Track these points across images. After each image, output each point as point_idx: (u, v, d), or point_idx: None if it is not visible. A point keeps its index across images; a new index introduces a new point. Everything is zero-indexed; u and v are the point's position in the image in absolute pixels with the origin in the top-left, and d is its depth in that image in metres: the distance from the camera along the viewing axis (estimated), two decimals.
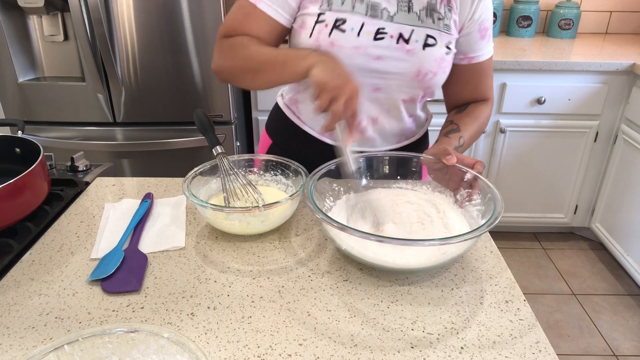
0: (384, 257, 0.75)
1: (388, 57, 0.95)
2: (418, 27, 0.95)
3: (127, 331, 0.58)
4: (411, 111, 1.07)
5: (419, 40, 0.94)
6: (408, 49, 0.94)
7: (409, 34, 0.94)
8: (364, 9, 0.94)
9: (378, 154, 0.97)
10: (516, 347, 0.65)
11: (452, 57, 0.99)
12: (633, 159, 2.08)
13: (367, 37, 0.93)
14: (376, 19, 0.94)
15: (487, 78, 1.07)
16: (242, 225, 0.86)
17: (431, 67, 0.96)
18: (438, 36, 0.95)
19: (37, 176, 0.90)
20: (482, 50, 1.02)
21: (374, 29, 0.93)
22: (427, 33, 0.95)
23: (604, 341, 1.91)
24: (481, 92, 1.08)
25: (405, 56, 0.95)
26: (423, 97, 1.05)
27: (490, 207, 0.78)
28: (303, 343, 0.65)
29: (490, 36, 1.03)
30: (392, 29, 0.94)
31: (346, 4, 0.93)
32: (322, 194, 0.88)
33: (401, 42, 0.94)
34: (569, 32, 2.47)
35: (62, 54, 2.03)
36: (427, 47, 0.95)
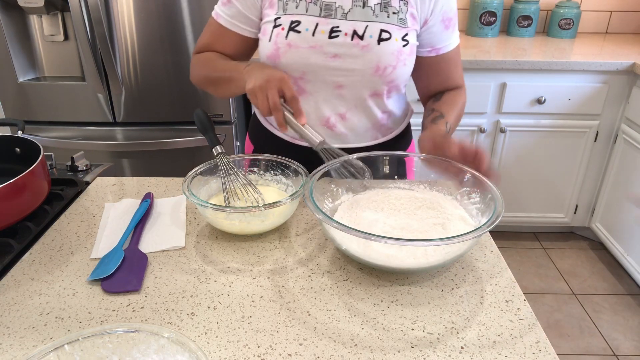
0: (385, 257, 0.75)
1: (345, 54, 0.97)
2: (372, 23, 0.96)
3: (127, 331, 0.58)
4: (381, 107, 1.07)
5: (373, 35, 0.96)
6: (363, 45, 0.96)
7: (363, 30, 0.96)
8: (318, 10, 0.97)
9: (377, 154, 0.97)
10: (516, 347, 0.65)
11: (411, 49, 1.00)
12: (633, 158, 2.07)
13: (322, 36, 0.96)
14: (330, 18, 0.96)
15: (457, 67, 1.08)
16: (242, 225, 0.86)
17: (389, 60, 0.97)
18: (393, 30, 0.96)
19: (37, 176, 0.90)
20: (447, 41, 1.03)
21: (328, 27, 0.96)
22: (381, 28, 0.96)
23: (604, 341, 1.91)
24: (453, 81, 1.09)
25: (361, 52, 0.96)
26: (390, 92, 1.05)
27: (490, 206, 0.78)
28: (303, 343, 0.65)
29: (455, 25, 1.03)
30: (346, 26, 0.96)
31: (300, 7, 0.97)
32: (322, 194, 0.88)
33: (356, 38, 0.96)
34: (569, 32, 2.47)
35: (62, 54, 2.03)
36: (382, 41, 0.96)
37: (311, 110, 1.05)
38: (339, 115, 1.05)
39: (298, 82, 1.02)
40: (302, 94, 1.04)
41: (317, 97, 1.04)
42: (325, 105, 1.04)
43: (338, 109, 1.05)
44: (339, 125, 1.07)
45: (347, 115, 1.06)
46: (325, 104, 1.04)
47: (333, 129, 1.07)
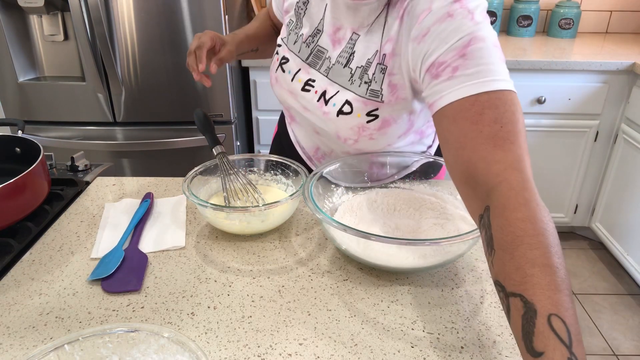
0: (385, 257, 0.75)
1: (311, 111, 0.93)
2: (343, 90, 0.86)
3: (127, 331, 0.58)
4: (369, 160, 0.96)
5: (337, 104, 0.87)
6: (324, 111, 0.89)
7: (332, 95, 0.88)
8: (307, 54, 0.92)
9: None
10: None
11: (382, 123, 0.85)
12: (633, 158, 2.07)
13: (297, 84, 0.93)
14: (313, 68, 0.91)
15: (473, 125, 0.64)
16: (242, 224, 0.86)
17: (348, 134, 0.88)
18: (357, 104, 0.85)
19: (37, 176, 0.90)
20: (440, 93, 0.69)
21: (305, 78, 0.92)
22: (347, 99, 0.85)
23: (604, 341, 1.91)
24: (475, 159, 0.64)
25: (322, 118, 0.90)
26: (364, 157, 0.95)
27: None
28: (303, 343, 0.65)
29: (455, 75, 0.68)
30: (320, 84, 0.90)
31: (296, 44, 0.94)
32: (322, 194, 0.88)
33: (321, 101, 0.89)
34: (569, 32, 2.47)
35: (62, 54, 2.03)
36: (341, 114, 0.86)
37: (301, 139, 1.06)
38: (328, 150, 1.01)
39: (289, 110, 1.03)
40: (293, 121, 1.06)
41: (305, 129, 1.02)
42: (311, 142, 1.03)
43: (325, 147, 1.01)
44: (327, 158, 1.03)
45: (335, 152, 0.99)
46: (311, 141, 1.03)
47: (321, 161, 1.05)
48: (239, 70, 2.14)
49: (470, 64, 0.67)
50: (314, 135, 1.00)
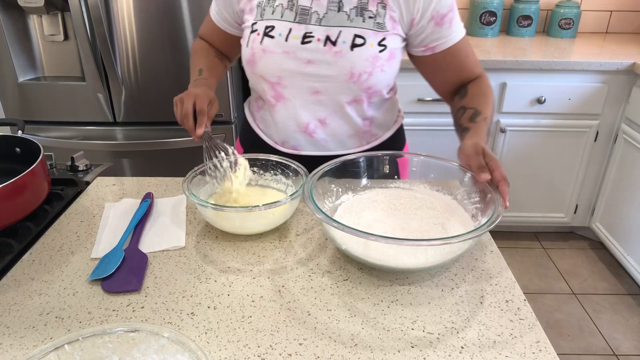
0: (385, 257, 0.75)
1: (318, 60, 0.95)
2: (346, 28, 0.93)
3: (127, 331, 0.58)
4: (361, 113, 1.04)
5: (347, 41, 0.93)
6: (336, 51, 0.94)
7: (337, 35, 0.93)
8: (293, 16, 0.96)
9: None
10: (516, 347, 0.65)
11: (390, 54, 0.96)
12: (633, 158, 2.07)
13: (295, 41, 0.95)
14: (304, 24, 0.95)
15: (467, 57, 1.02)
16: (242, 224, 0.86)
17: (364, 67, 0.94)
18: (368, 35, 0.93)
19: (37, 176, 0.90)
20: (444, 38, 0.97)
21: (300, 33, 0.95)
22: (355, 33, 0.93)
23: (604, 341, 1.91)
24: (468, 72, 1.03)
25: (334, 58, 0.94)
26: (370, 98, 1.02)
27: (490, 206, 0.78)
28: (303, 343, 0.65)
29: (452, 20, 0.96)
30: (319, 32, 0.94)
31: (276, 13, 0.97)
32: (322, 194, 0.88)
33: (329, 44, 0.94)
34: (569, 32, 2.47)
35: (62, 54, 2.03)
36: (356, 47, 0.93)
37: (290, 116, 1.04)
38: (319, 120, 1.04)
39: (275, 87, 1.01)
40: (280, 99, 1.03)
41: (294, 103, 1.02)
42: (304, 110, 1.02)
43: (317, 114, 1.03)
44: (319, 132, 1.05)
45: (327, 120, 1.03)
46: (304, 110, 1.02)
47: (313, 135, 1.05)
48: (238, 70, 2.14)
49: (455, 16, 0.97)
50: (310, 99, 1.00)
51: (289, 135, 1.07)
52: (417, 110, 2.13)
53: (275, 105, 1.04)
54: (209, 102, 0.97)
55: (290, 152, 1.08)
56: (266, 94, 1.04)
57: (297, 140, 1.07)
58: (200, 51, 1.15)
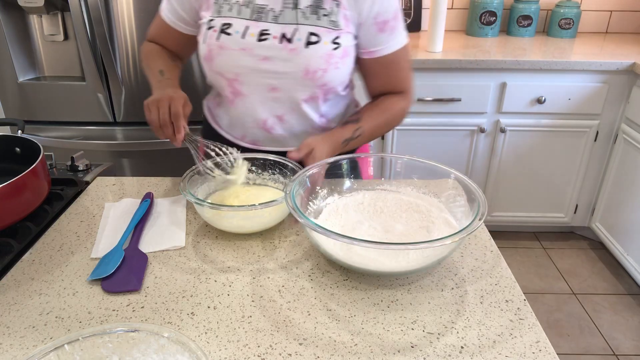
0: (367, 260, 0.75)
1: (274, 57, 0.96)
2: (301, 25, 0.95)
3: (127, 331, 0.58)
4: (318, 110, 1.06)
5: (302, 38, 0.95)
6: (291, 48, 0.95)
7: (292, 33, 0.95)
8: (249, 13, 0.97)
9: None
10: (516, 347, 0.65)
11: (344, 52, 0.97)
12: (633, 158, 2.07)
13: (251, 38, 0.96)
14: (260, 21, 0.96)
15: (399, 71, 1.04)
16: (240, 223, 0.86)
17: (318, 64, 0.96)
18: (322, 33, 0.95)
19: (37, 176, 0.90)
20: (383, 44, 0.99)
21: (257, 30, 0.96)
22: (310, 31, 0.95)
23: (604, 341, 1.91)
24: (393, 86, 1.06)
25: (290, 55, 0.96)
26: (326, 95, 1.03)
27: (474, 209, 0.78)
28: (303, 342, 0.65)
29: (395, 29, 0.98)
30: (275, 29, 0.96)
31: (233, 10, 0.98)
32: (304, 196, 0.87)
33: (284, 42, 0.95)
34: (569, 32, 2.47)
35: (62, 54, 2.02)
36: (310, 44, 0.95)
37: (248, 113, 1.05)
38: (277, 117, 1.04)
39: (233, 84, 1.02)
40: (238, 95, 1.03)
41: (252, 99, 1.03)
42: (262, 107, 1.03)
43: (275, 111, 1.04)
44: (277, 128, 1.06)
45: (284, 117, 1.04)
46: (262, 106, 1.03)
47: (271, 131, 1.06)
48: None
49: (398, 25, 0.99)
50: (267, 96, 1.01)
51: (248, 131, 1.08)
52: (417, 110, 2.13)
53: (233, 101, 1.05)
54: (183, 103, 0.95)
55: (250, 147, 1.09)
56: (224, 90, 1.05)
57: (256, 136, 1.08)
58: (153, 53, 1.11)
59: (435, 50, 2.13)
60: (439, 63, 2.04)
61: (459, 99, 2.11)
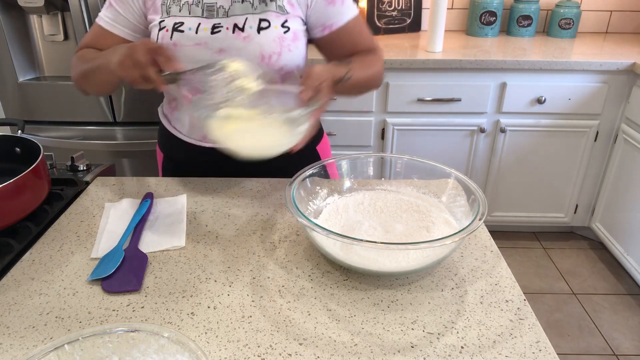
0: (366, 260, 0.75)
1: (229, 47, 0.99)
2: (251, 15, 0.99)
3: (127, 331, 0.58)
4: None
5: (253, 26, 0.98)
6: (244, 36, 0.98)
7: (243, 22, 0.99)
8: (200, 12, 1.00)
9: None
10: (516, 347, 0.65)
11: (294, 35, 1.01)
12: (633, 158, 2.07)
13: (204, 32, 0.98)
14: (212, 18, 0.99)
15: (361, 35, 1.07)
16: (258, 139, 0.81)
17: (272, 48, 0.99)
18: (271, 18, 0.99)
19: (37, 176, 0.90)
20: (337, 17, 1.03)
21: (209, 25, 0.99)
22: (260, 17, 0.99)
23: (604, 341, 1.91)
24: (363, 47, 1.07)
25: (244, 43, 0.98)
26: (284, 80, 1.04)
27: (474, 209, 0.78)
28: (303, 342, 0.65)
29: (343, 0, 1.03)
30: (227, 22, 0.99)
31: (183, 10, 1.00)
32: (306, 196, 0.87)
33: (237, 31, 0.98)
34: (569, 32, 2.47)
35: (62, 54, 2.03)
36: (262, 30, 0.98)
37: None
38: None
39: None
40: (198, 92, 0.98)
41: None
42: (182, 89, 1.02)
43: None
44: None
45: None
46: None
47: None
48: None
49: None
50: None
51: None
52: (417, 110, 2.13)
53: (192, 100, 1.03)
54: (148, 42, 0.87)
55: (212, 146, 1.07)
56: (182, 89, 1.04)
57: None
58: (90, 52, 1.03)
59: (435, 50, 2.13)
60: (439, 63, 2.04)
61: (459, 99, 2.11)
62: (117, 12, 1.04)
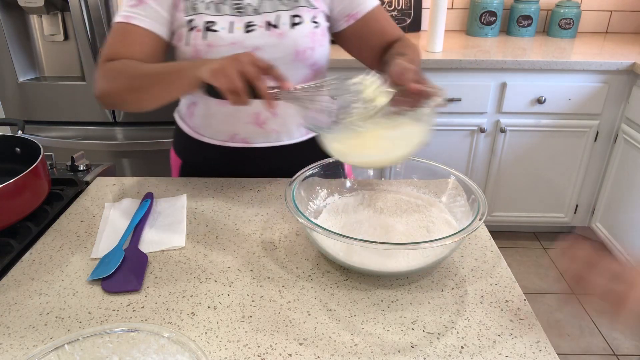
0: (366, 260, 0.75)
1: (264, 45, 0.97)
2: (282, 12, 0.99)
3: (127, 331, 0.58)
4: None
5: (286, 22, 0.98)
6: (279, 33, 0.98)
7: (275, 19, 0.98)
8: (229, 10, 0.98)
9: None
10: (516, 347, 0.65)
11: (322, 30, 1.02)
12: (633, 158, 2.07)
13: (239, 32, 0.97)
14: (242, 16, 0.98)
15: (387, 21, 1.07)
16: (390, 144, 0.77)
17: (306, 43, 0.99)
18: (302, 13, 0.99)
19: (37, 176, 0.90)
20: (361, 5, 1.03)
21: (242, 24, 0.97)
22: (291, 14, 0.99)
23: (604, 341, 1.91)
24: (390, 34, 1.07)
25: (279, 40, 0.98)
26: (315, 76, 1.05)
27: (474, 209, 0.78)
28: (303, 342, 0.65)
29: None
30: (259, 20, 0.98)
31: (211, 9, 0.97)
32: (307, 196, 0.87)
33: (271, 28, 0.98)
34: (569, 32, 2.47)
35: (62, 54, 2.03)
36: (295, 25, 0.98)
37: (240, 108, 0.97)
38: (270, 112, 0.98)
39: None
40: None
41: None
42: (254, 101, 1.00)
43: None
44: (269, 122, 1.05)
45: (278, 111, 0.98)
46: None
47: (263, 126, 1.05)
48: None
49: None
50: None
51: (239, 128, 1.06)
52: None
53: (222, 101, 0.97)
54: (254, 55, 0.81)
55: (240, 146, 1.07)
56: None
57: (247, 132, 1.07)
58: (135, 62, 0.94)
59: (435, 50, 2.13)
60: (439, 63, 2.04)
61: (459, 99, 2.11)
62: (152, 8, 0.95)
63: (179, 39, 0.99)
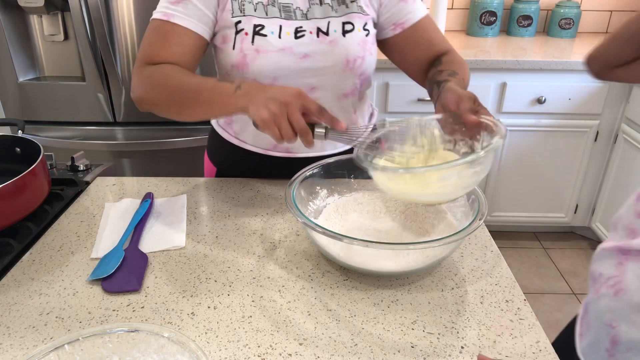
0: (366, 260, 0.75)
1: (314, 52, 0.94)
2: (333, 18, 0.95)
3: (127, 331, 0.58)
4: (355, 106, 1.05)
5: (337, 29, 0.95)
6: (330, 40, 0.95)
7: (326, 26, 0.95)
8: (278, 13, 0.94)
9: None
10: (516, 347, 0.65)
11: (372, 38, 1.00)
12: (633, 158, 2.07)
13: (288, 37, 0.93)
14: (291, 20, 0.94)
15: (436, 32, 1.04)
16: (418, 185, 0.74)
17: (357, 52, 0.96)
18: (354, 20, 0.96)
19: (37, 176, 0.90)
20: (410, 13, 1.00)
21: (292, 29, 0.93)
22: (343, 20, 0.96)
23: None
24: (438, 46, 1.03)
25: (329, 47, 0.95)
26: (362, 86, 1.03)
27: (474, 208, 0.78)
28: (303, 343, 0.65)
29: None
30: (309, 25, 0.95)
31: (259, 11, 0.93)
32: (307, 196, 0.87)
33: (321, 35, 0.94)
34: (570, 32, 2.47)
35: (62, 54, 2.02)
36: (347, 33, 0.95)
37: None
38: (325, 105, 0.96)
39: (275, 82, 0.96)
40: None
41: None
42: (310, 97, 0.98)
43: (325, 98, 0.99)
44: None
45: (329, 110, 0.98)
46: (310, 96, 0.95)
47: None
48: None
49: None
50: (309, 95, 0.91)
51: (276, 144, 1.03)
52: (417, 110, 2.13)
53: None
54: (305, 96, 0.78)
55: (282, 155, 1.05)
56: None
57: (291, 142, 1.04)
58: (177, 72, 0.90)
59: None
60: None
61: None
62: (195, 7, 0.90)
63: (223, 41, 0.94)
